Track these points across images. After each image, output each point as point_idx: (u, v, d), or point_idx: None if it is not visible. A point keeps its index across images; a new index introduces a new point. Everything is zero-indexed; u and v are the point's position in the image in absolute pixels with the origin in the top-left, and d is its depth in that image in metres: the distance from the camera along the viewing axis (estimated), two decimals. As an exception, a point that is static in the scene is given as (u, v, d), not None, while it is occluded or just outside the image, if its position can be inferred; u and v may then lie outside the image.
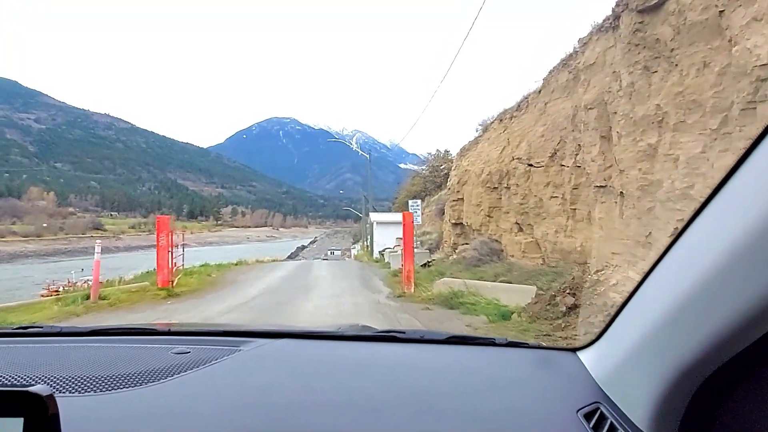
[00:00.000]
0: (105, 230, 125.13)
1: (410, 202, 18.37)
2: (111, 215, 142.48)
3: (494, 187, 10.84)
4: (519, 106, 11.02)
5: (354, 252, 50.69)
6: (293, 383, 0.84)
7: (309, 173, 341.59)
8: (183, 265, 12.78)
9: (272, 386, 0.82)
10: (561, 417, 0.74)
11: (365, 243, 38.95)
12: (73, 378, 0.80)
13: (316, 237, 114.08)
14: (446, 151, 33.89)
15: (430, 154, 34.83)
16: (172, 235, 9.20)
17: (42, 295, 11.15)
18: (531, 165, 9.55)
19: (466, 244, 12.90)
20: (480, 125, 13.31)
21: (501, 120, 11.66)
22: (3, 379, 0.78)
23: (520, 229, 10.26)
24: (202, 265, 15.08)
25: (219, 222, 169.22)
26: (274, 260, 26.33)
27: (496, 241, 10.84)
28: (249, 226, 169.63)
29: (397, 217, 28.20)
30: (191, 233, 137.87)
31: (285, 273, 15.07)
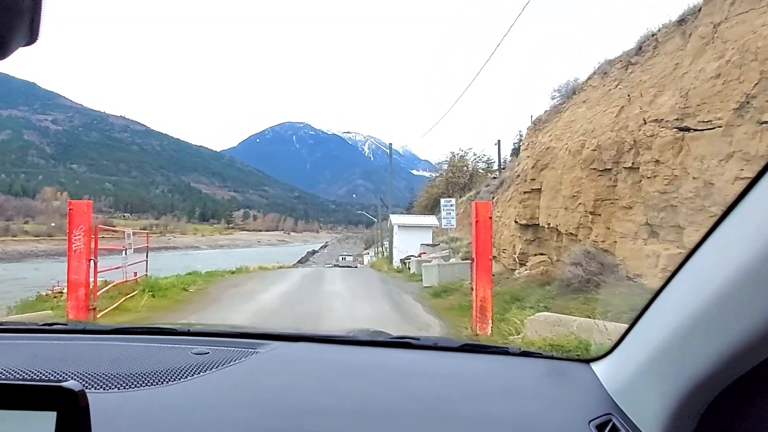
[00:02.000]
0: (116, 231, 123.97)
1: (443, 201, 14.40)
2: (123, 216, 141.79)
3: (604, 169, 7.08)
4: (641, 47, 7.29)
5: (367, 258, 46.88)
6: (310, 386, 0.85)
7: (321, 179, 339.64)
8: (147, 274, 9.37)
9: (289, 388, 0.83)
10: (573, 427, 0.73)
11: (380, 249, 35.19)
12: (98, 375, 0.81)
13: (327, 242, 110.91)
14: (465, 152, 30.22)
15: (453, 153, 31.15)
16: (96, 232, 5.64)
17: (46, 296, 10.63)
18: (687, 129, 5.81)
19: (542, 254, 9.12)
20: (557, 90, 9.53)
21: (605, 74, 7.92)
22: (33, 374, 0.78)
23: (653, 234, 6.50)
24: (189, 273, 11.73)
25: (230, 225, 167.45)
26: (280, 267, 22.57)
27: (606, 251, 7.08)
28: (260, 230, 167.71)
29: (423, 219, 23.32)
30: (202, 236, 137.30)
31: (289, 286, 11.45)
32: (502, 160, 26.45)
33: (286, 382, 0.86)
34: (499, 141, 27.00)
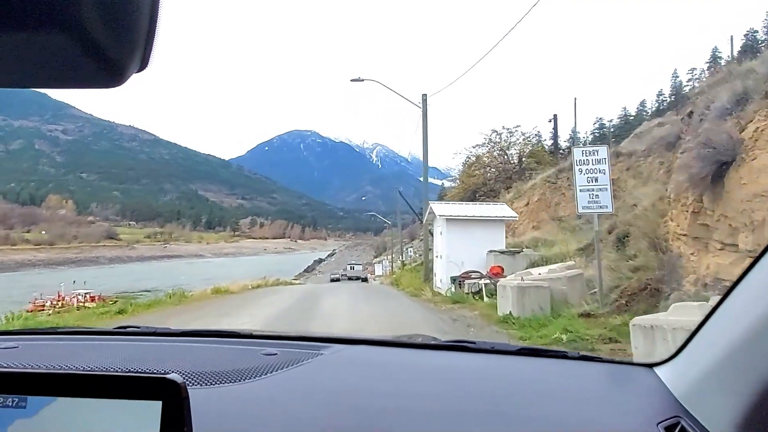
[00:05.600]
0: (119, 239, 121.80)
1: (576, 151, 7.03)
2: (129, 224, 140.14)
3: None
4: None
5: (379, 269, 41.13)
6: (374, 386, 0.89)
7: (329, 186, 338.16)
8: None
9: (354, 389, 0.87)
10: (641, 429, 0.74)
11: (401, 258, 31.30)
12: (180, 372, 0.84)
13: (334, 249, 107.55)
14: (511, 131, 24.44)
15: (494, 131, 24.48)
16: None
17: (28, 311, 9.97)
18: None
19: None
20: None
21: None
22: (127, 370, 0.85)
23: None
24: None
25: (236, 233, 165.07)
26: (258, 285, 15.44)
27: None
28: (267, 238, 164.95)
29: (490, 209, 13.69)
30: (207, 244, 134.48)
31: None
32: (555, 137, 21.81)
33: (351, 382, 0.91)
34: (555, 116, 22.58)
